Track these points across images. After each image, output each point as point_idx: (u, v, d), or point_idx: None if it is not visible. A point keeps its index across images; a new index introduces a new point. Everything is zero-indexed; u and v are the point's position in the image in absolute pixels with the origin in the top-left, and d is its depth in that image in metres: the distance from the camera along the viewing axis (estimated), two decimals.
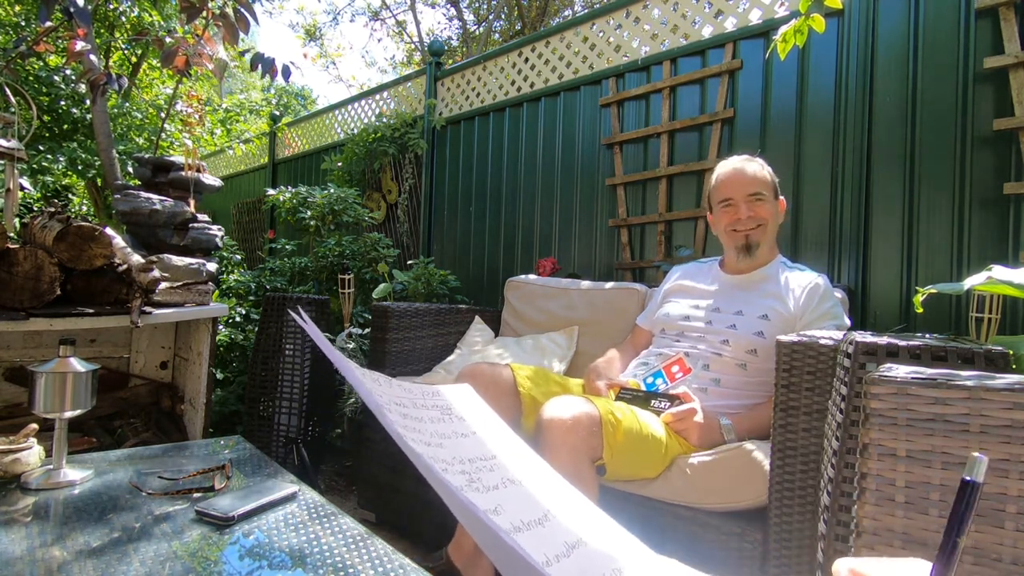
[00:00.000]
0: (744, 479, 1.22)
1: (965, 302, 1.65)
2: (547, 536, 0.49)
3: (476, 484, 0.51)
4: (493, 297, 3.00)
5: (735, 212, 1.56)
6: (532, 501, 0.53)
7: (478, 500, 0.48)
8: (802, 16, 1.28)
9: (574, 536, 0.50)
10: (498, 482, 0.53)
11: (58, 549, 0.82)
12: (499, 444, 0.61)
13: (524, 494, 0.54)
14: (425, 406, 0.62)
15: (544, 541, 0.48)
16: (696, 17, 2.33)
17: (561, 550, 0.48)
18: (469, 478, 0.52)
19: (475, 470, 0.54)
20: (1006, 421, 0.65)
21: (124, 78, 2.30)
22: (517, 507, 0.51)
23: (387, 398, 0.58)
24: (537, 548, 0.46)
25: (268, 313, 2.35)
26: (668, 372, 1.51)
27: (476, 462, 0.55)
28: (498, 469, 0.56)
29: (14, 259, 1.50)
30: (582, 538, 0.51)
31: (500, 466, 0.56)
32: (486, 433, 0.62)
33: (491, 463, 0.56)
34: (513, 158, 3.05)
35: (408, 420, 0.56)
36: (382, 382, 0.61)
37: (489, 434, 0.63)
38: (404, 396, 0.61)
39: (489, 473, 0.54)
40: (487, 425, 0.65)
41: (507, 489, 0.53)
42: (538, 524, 0.50)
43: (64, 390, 1.10)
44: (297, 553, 0.84)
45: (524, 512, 0.50)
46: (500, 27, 9.84)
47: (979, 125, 1.68)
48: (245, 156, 5.73)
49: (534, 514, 0.51)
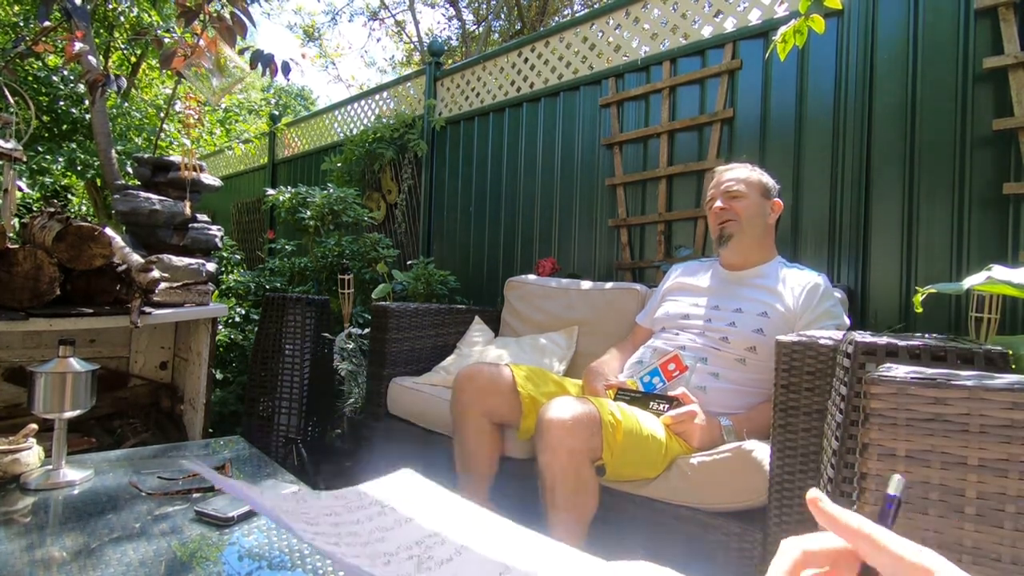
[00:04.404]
0: (744, 479, 1.22)
1: (965, 302, 1.65)
2: None
3: (427, 563, 0.55)
4: (493, 297, 3.00)
5: (712, 205, 1.66)
6: (487, 560, 0.56)
7: None
8: (802, 16, 1.27)
9: None
10: (451, 553, 0.57)
11: (57, 549, 0.82)
12: (446, 517, 0.65)
13: (478, 557, 0.57)
14: (361, 506, 0.66)
15: None
16: (696, 17, 2.33)
17: None
18: (418, 561, 0.55)
19: (424, 550, 0.57)
20: (1005, 421, 0.65)
21: (123, 78, 2.29)
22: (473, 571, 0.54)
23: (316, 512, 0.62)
24: None
25: (267, 313, 2.35)
26: (665, 370, 1.51)
27: (424, 542, 0.59)
28: (448, 541, 0.59)
29: (13, 259, 1.50)
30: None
31: (449, 538, 0.60)
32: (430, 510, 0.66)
33: (440, 538, 0.60)
34: (513, 158, 3.04)
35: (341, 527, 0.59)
36: (309, 499, 0.66)
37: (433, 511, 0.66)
38: (335, 504, 0.65)
39: (440, 547, 0.58)
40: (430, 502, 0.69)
41: (461, 557, 0.57)
42: None
43: (63, 390, 1.10)
44: (297, 553, 0.84)
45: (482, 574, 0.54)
46: (499, 27, 9.84)
47: (979, 125, 1.68)
48: (245, 156, 5.73)
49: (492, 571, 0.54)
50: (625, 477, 1.33)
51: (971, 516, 0.66)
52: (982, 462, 0.65)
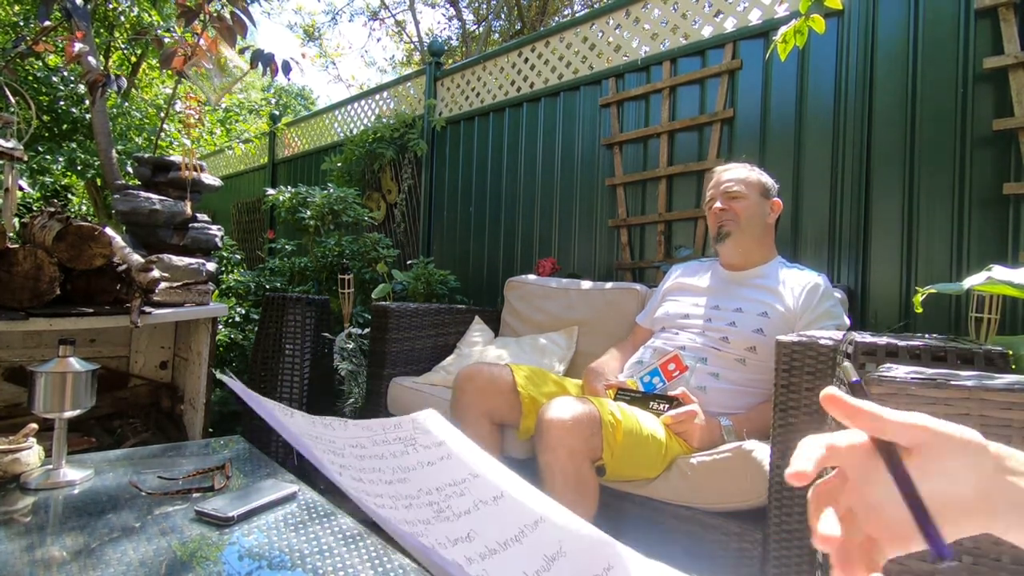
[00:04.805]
0: (744, 479, 1.22)
1: (965, 302, 1.65)
2: (525, 553, 0.50)
3: (445, 513, 0.52)
4: (493, 297, 3.00)
5: (711, 206, 1.66)
6: (507, 520, 0.54)
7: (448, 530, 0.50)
8: (802, 17, 1.28)
9: (553, 549, 0.52)
10: (469, 506, 0.54)
11: (57, 549, 0.82)
12: (469, 467, 0.62)
13: (498, 514, 0.54)
14: (386, 441, 0.63)
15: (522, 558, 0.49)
16: (696, 17, 2.33)
17: (540, 564, 0.49)
18: (437, 508, 0.53)
19: (444, 498, 0.55)
20: (1005, 421, 0.65)
21: (123, 78, 2.29)
22: (491, 529, 0.52)
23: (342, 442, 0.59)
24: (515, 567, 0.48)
25: (268, 313, 2.35)
26: (665, 370, 1.51)
27: (444, 489, 0.56)
28: (469, 492, 0.57)
29: (14, 259, 1.50)
30: (563, 548, 0.52)
31: (471, 489, 0.57)
32: (454, 458, 0.63)
33: (461, 487, 0.57)
34: (513, 158, 3.04)
35: (365, 461, 0.57)
36: (336, 426, 0.63)
37: (457, 458, 0.63)
38: (362, 436, 0.62)
39: (459, 499, 0.55)
40: (455, 449, 0.65)
41: (479, 512, 0.54)
42: (515, 541, 0.51)
43: (64, 390, 1.10)
44: (297, 553, 0.84)
45: (499, 533, 0.52)
46: (500, 27, 9.84)
47: (979, 125, 1.68)
48: (245, 156, 5.73)
49: (510, 532, 0.52)
50: (625, 477, 1.33)
51: None
52: None
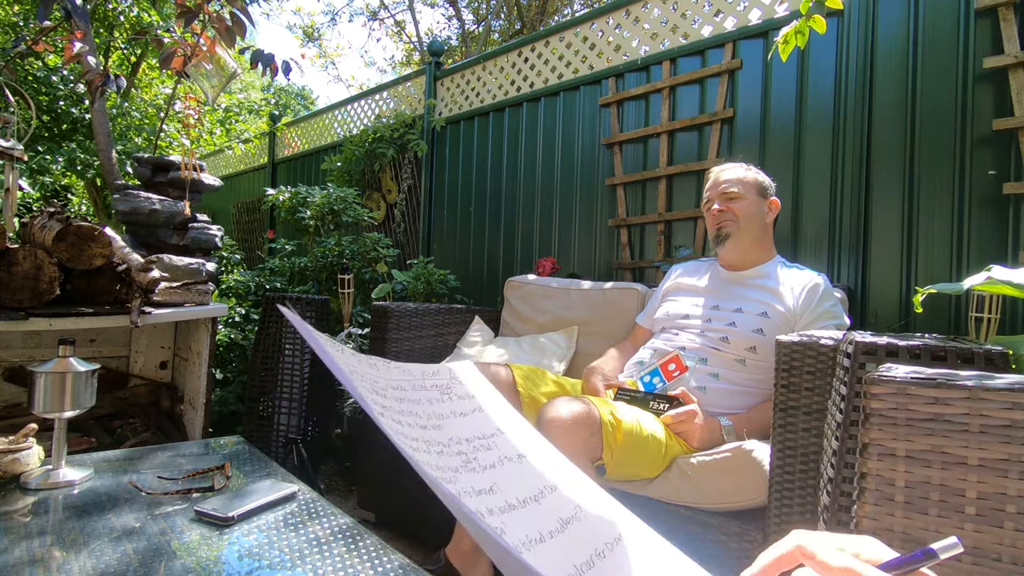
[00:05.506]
0: (744, 479, 1.22)
1: (965, 302, 1.65)
2: (542, 513, 0.51)
3: (472, 464, 0.53)
4: (493, 297, 3.00)
5: (710, 208, 1.66)
6: (528, 479, 0.55)
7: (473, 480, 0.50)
8: (803, 17, 1.27)
9: (569, 512, 0.52)
10: (495, 460, 0.55)
11: (57, 549, 0.82)
12: (497, 422, 0.63)
13: (520, 472, 0.55)
14: (424, 387, 0.63)
15: (539, 518, 0.50)
16: (696, 17, 2.33)
17: (555, 526, 0.49)
18: (465, 458, 0.53)
19: (472, 450, 0.55)
20: (1005, 421, 0.65)
21: (123, 78, 2.29)
22: (513, 485, 0.52)
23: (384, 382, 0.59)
24: (531, 525, 0.48)
25: (268, 313, 2.35)
26: (665, 370, 1.51)
27: (474, 441, 0.57)
28: (496, 447, 0.57)
29: (13, 259, 1.50)
30: (578, 514, 0.52)
31: (498, 444, 0.58)
32: (485, 411, 0.64)
33: (489, 441, 0.58)
34: (513, 158, 3.04)
35: (404, 404, 0.57)
36: (380, 366, 0.63)
37: (488, 412, 0.64)
38: (402, 379, 0.63)
39: (486, 452, 0.56)
40: (486, 403, 0.66)
41: (503, 467, 0.55)
42: (534, 501, 0.52)
43: (64, 390, 1.10)
44: (296, 553, 0.84)
45: (520, 490, 0.52)
46: (499, 27, 9.84)
47: (979, 125, 1.68)
48: (245, 156, 5.73)
49: (529, 491, 0.52)
50: (625, 477, 1.33)
51: (971, 516, 0.66)
52: (982, 462, 0.65)
